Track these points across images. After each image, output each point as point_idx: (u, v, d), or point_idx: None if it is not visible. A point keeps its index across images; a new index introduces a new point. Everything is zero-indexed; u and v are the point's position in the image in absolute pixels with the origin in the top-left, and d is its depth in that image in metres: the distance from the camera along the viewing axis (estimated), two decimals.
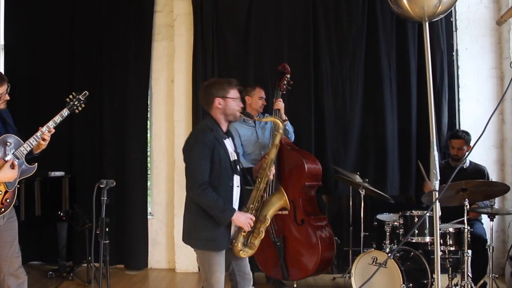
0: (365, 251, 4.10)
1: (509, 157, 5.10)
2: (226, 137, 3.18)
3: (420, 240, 3.98)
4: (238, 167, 3.20)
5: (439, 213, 3.08)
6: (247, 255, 3.18)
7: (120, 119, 5.56)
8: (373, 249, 4.09)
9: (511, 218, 5.04)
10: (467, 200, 3.70)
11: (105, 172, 5.43)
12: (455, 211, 4.00)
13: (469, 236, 3.78)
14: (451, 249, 3.94)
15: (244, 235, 3.15)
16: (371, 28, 5.23)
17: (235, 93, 3.17)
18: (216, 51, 5.40)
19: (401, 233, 4.07)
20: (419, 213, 4.06)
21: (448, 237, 3.93)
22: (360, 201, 4.49)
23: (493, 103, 5.15)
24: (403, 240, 3.96)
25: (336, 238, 4.63)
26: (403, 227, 4.07)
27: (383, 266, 3.82)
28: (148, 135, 5.73)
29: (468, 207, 3.70)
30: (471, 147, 4.41)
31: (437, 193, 2.76)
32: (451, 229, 3.94)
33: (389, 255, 3.89)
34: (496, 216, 3.93)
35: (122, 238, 5.50)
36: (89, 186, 5.18)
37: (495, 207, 4.47)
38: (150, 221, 5.66)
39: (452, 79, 5.23)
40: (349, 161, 5.19)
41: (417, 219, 4.01)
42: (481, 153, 5.01)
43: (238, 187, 3.18)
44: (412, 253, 4.04)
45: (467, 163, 4.59)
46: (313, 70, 5.24)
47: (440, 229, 3.76)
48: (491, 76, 5.23)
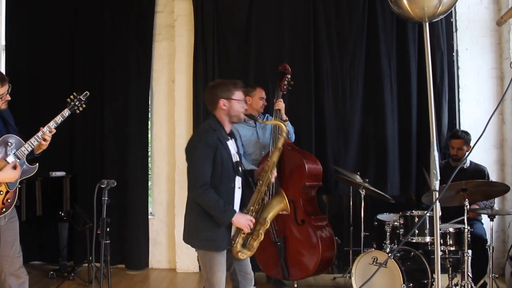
0: (366, 251, 4.10)
1: (509, 157, 5.10)
2: (229, 138, 3.18)
3: (420, 240, 3.98)
4: (240, 168, 3.20)
5: (439, 213, 3.09)
6: (245, 256, 3.18)
7: (121, 119, 5.57)
8: (374, 249, 4.09)
9: (511, 218, 5.04)
10: (467, 200, 3.70)
11: (106, 172, 5.43)
12: (455, 211, 4.01)
13: (469, 236, 3.78)
14: (451, 249, 3.95)
15: (243, 237, 3.16)
16: (372, 28, 5.23)
17: (240, 95, 3.17)
18: (216, 52, 5.40)
19: (401, 233, 4.08)
20: (419, 213, 4.06)
21: (448, 237, 3.94)
22: (360, 201, 4.50)
23: (493, 104, 5.15)
24: (403, 240, 3.96)
25: (336, 238, 4.63)
26: (403, 227, 4.08)
27: (384, 266, 3.82)
28: (149, 135, 5.74)
29: (468, 207, 3.71)
30: (471, 147, 4.41)
31: (437, 193, 2.76)
32: (451, 229, 3.94)
33: (390, 255, 3.89)
34: (496, 216, 3.94)
35: (123, 238, 5.51)
36: (90, 186, 5.19)
37: (495, 207, 4.49)
38: (151, 221, 5.66)
39: (452, 80, 5.23)
40: (350, 161, 5.20)
41: (417, 219, 4.01)
42: (481, 153, 5.01)
43: (239, 188, 3.18)
44: (412, 253, 4.04)
45: (468, 163, 4.59)
46: (313, 70, 5.25)
47: (440, 229, 3.75)
48: (491, 76, 5.23)
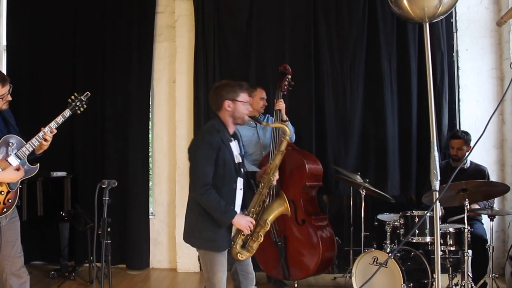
0: (366, 251, 4.10)
1: (509, 157, 5.11)
2: (232, 139, 3.18)
3: (420, 240, 3.98)
4: (242, 170, 3.20)
5: (439, 213, 3.10)
6: (244, 257, 3.18)
7: (121, 119, 5.58)
8: (374, 249, 4.09)
9: (511, 218, 5.05)
10: (467, 200, 3.71)
11: (107, 172, 5.45)
12: (456, 211, 4.01)
13: (469, 236, 3.79)
14: (452, 249, 3.95)
15: (243, 238, 3.16)
16: (372, 29, 5.24)
17: (245, 97, 3.17)
18: (217, 52, 5.41)
19: (401, 233, 4.08)
20: (420, 213, 4.06)
21: (448, 237, 3.94)
22: (360, 201, 4.50)
23: (493, 104, 5.15)
24: (403, 240, 3.96)
25: (337, 238, 4.64)
26: (403, 227, 4.08)
27: (384, 266, 3.82)
28: (149, 136, 5.75)
29: (468, 207, 3.71)
30: (471, 148, 4.41)
31: (437, 193, 2.77)
32: (451, 229, 3.94)
33: (390, 255, 3.89)
34: (496, 216, 3.94)
35: (124, 238, 5.52)
36: (91, 186, 5.20)
37: (495, 207, 4.49)
38: (151, 221, 5.67)
39: (452, 80, 5.23)
40: (350, 161, 5.21)
41: (417, 219, 4.01)
42: (481, 153, 5.01)
43: (241, 189, 3.18)
44: (412, 253, 4.04)
45: (468, 164, 4.59)
46: (314, 70, 5.26)
47: (440, 229, 3.76)
48: (491, 76, 5.24)
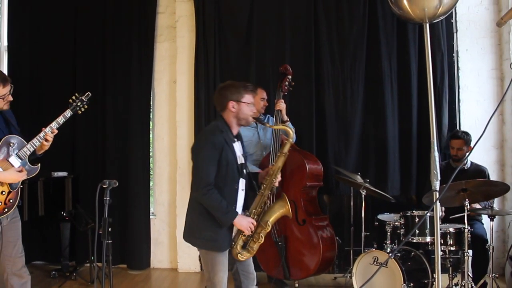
0: (366, 251, 4.11)
1: (509, 157, 5.11)
2: (235, 140, 3.18)
3: (420, 240, 3.99)
4: (244, 171, 3.20)
5: (439, 213, 3.10)
6: (245, 258, 3.18)
7: (122, 119, 5.59)
8: (374, 249, 4.10)
9: (511, 218, 5.05)
10: (467, 200, 3.72)
11: (107, 172, 5.45)
12: (456, 212, 4.01)
13: (469, 236, 3.79)
14: (452, 249, 3.96)
15: (243, 239, 3.16)
16: (372, 29, 5.24)
17: (249, 98, 3.16)
18: (218, 52, 5.42)
19: (402, 233, 4.09)
20: (420, 213, 4.07)
21: (448, 237, 3.95)
22: (361, 201, 4.51)
23: (493, 104, 5.16)
24: (404, 240, 3.97)
25: (337, 238, 4.64)
26: (404, 227, 4.09)
27: (384, 266, 3.83)
28: (150, 136, 5.75)
29: (468, 207, 3.72)
30: (471, 148, 4.41)
31: (437, 194, 2.77)
32: (451, 229, 3.95)
33: (390, 255, 3.90)
34: (496, 216, 3.95)
35: (124, 238, 5.52)
36: (92, 186, 5.20)
37: (495, 207, 4.50)
38: (152, 221, 5.68)
39: (452, 80, 5.24)
40: (350, 162, 5.21)
41: (417, 219, 4.02)
42: (481, 153, 5.02)
43: (243, 190, 3.18)
44: (412, 253, 4.05)
45: (468, 164, 4.59)
46: (314, 71, 5.26)
47: (440, 229, 3.77)
48: (491, 77, 5.24)
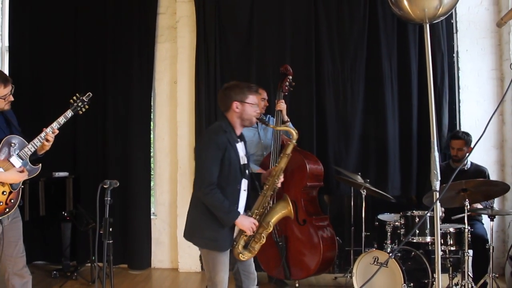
0: (367, 251, 4.12)
1: (509, 157, 5.12)
2: (238, 140, 3.18)
3: (421, 240, 3.99)
4: (247, 171, 3.20)
5: (439, 213, 3.11)
6: (246, 258, 3.18)
7: (123, 120, 5.60)
8: (374, 249, 4.11)
9: (511, 218, 5.05)
10: (467, 200, 3.72)
11: (108, 172, 5.46)
12: (456, 211, 4.02)
13: (469, 236, 3.80)
14: (452, 249, 3.96)
15: (245, 239, 3.16)
16: (373, 29, 5.25)
17: (253, 99, 3.16)
18: (218, 53, 5.43)
19: (402, 233, 4.09)
20: (420, 213, 4.07)
21: (448, 237, 3.95)
22: (361, 201, 4.52)
23: (493, 104, 5.16)
24: (404, 240, 3.97)
25: (337, 238, 4.66)
26: (404, 227, 4.09)
27: (384, 265, 3.84)
28: (151, 136, 5.75)
29: (468, 208, 3.72)
30: (471, 148, 4.42)
31: (437, 194, 2.78)
32: (451, 229, 3.96)
33: (390, 255, 3.90)
34: (496, 216, 3.95)
35: (125, 238, 5.53)
36: (92, 186, 5.20)
37: (495, 207, 4.50)
38: (153, 221, 5.69)
39: (452, 81, 5.25)
40: (351, 162, 5.22)
41: (418, 219, 4.02)
42: (481, 153, 5.03)
43: (245, 191, 3.18)
44: (413, 253, 4.06)
45: (468, 165, 4.60)
46: (314, 71, 5.27)
47: (440, 229, 3.78)
48: (491, 77, 5.25)
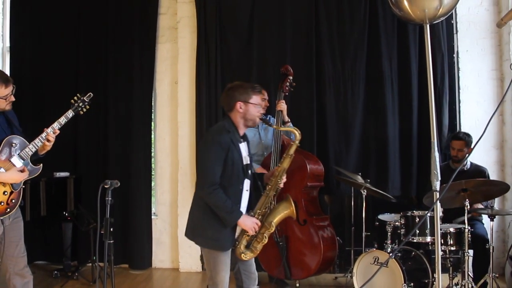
0: (367, 250, 4.13)
1: (509, 158, 5.13)
2: (242, 140, 3.18)
3: (421, 240, 4.00)
4: (249, 171, 3.21)
5: (440, 214, 3.11)
6: (248, 258, 3.18)
7: (124, 120, 5.61)
8: (375, 249, 4.12)
9: (511, 218, 5.06)
10: (467, 200, 3.73)
11: (109, 172, 5.46)
12: (456, 212, 4.03)
13: (469, 236, 3.80)
14: (452, 249, 3.97)
15: (247, 239, 3.17)
16: (373, 30, 5.26)
17: (257, 99, 3.16)
18: (219, 53, 5.44)
19: (402, 233, 4.10)
20: (420, 213, 4.08)
21: (449, 237, 3.96)
22: (361, 202, 4.52)
23: (493, 105, 5.17)
24: (404, 240, 3.98)
25: (338, 238, 4.66)
26: (404, 227, 4.10)
27: (385, 265, 3.84)
28: (152, 136, 5.76)
29: (468, 208, 3.73)
30: (471, 149, 4.42)
31: (437, 194, 2.79)
32: (451, 229, 3.96)
33: (391, 254, 3.91)
34: (496, 216, 3.96)
35: (126, 238, 5.54)
36: (93, 186, 5.18)
37: (495, 207, 4.51)
38: (154, 221, 5.70)
39: (452, 81, 5.25)
40: (351, 162, 5.23)
41: (418, 219, 4.03)
42: (481, 154, 5.03)
43: (247, 191, 3.19)
44: (413, 253, 4.06)
45: (468, 165, 4.60)
46: (315, 71, 5.28)
47: (441, 229, 3.79)
48: (491, 78, 5.26)
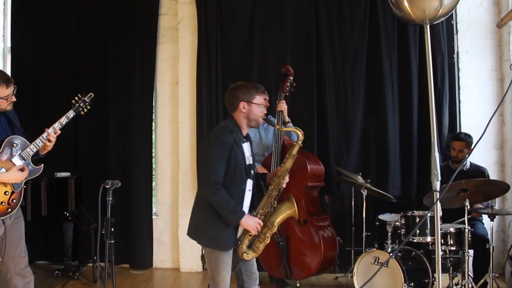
0: (367, 250, 4.13)
1: (509, 158, 5.13)
2: (245, 140, 3.19)
3: (421, 240, 4.01)
4: (252, 171, 3.21)
5: (440, 214, 3.12)
6: (250, 257, 3.19)
7: (125, 120, 5.61)
8: (375, 249, 4.13)
9: (511, 218, 5.06)
10: (467, 200, 3.73)
11: (110, 172, 5.48)
12: (457, 212, 4.03)
13: (469, 236, 3.81)
14: (452, 248, 3.97)
15: (249, 238, 3.17)
16: (373, 30, 5.27)
17: (260, 99, 3.17)
18: (220, 53, 5.45)
19: (402, 233, 4.11)
20: (421, 213, 4.08)
21: (449, 237, 3.96)
22: (362, 202, 4.52)
23: (493, 105, 5.18)
24: (404, 240, 3.99)
25: (338, 238, 4.67)
26: (404, 227, 4.11)
27: (385, 265, 3.85)
28: (153, 136, 5.77)
29: (468, 208, 3.73)
30: (471, 150, 4.43)
31: (438, 194, 2.79)
32: (452, 229, 3.97)
33: (391, 254, 3.92)
34: (496, 216, 3.96)
35: (127, 238, 5.54)
36: (94, 186, 5.18)
37: (495, 207, 4.51)
38: (155, 221, 5.71)
39: (453, 81, 5.26)
40: (351, 162, 5.23)
41: (418, 219, 4.03)
42: (481, 154, 5.04)
43: (250, 191, 3.19)
44: (413, 253, 4.07)
45: (468, 165, 4.60)
46: (315, 72, 5.29)
47: (441, 229, 3.80)
48: (491, 78, 5.26)
